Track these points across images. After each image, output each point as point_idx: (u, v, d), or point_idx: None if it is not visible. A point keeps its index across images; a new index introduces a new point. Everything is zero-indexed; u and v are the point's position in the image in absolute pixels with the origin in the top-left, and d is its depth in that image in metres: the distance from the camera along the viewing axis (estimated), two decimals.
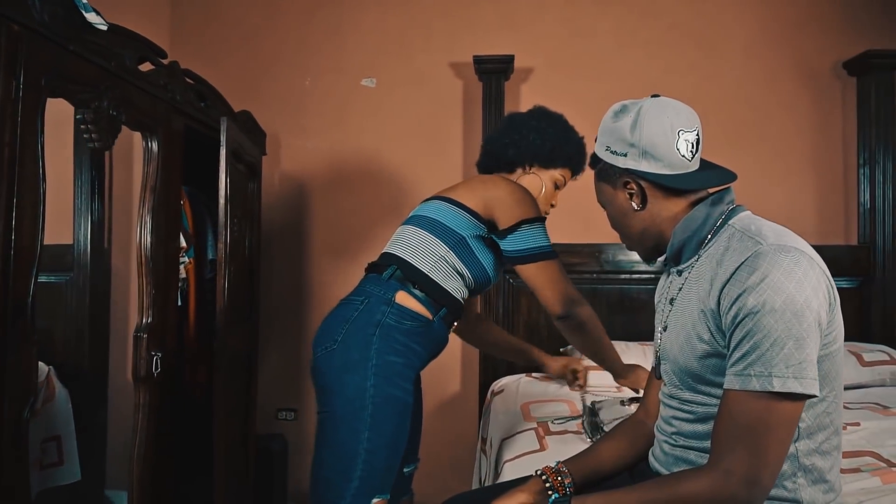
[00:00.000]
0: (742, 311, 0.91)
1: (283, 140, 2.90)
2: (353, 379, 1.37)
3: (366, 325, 1.41)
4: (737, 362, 0.92)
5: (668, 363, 1.10)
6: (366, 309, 1.43)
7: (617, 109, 1.11)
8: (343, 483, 1.35)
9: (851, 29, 2.71)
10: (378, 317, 1.42)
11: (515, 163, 1.64)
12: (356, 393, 1.36)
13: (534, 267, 1.49)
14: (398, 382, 1.40)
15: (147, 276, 1.83)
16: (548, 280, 1.49)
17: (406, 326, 1.44)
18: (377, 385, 1.37)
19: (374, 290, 1.46)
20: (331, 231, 2.88)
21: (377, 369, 1.38)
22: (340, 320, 1.44)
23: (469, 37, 2.83)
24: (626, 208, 1.12)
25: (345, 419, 1.37)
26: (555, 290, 1.49)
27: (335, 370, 1.40)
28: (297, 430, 2.86)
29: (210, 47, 2.90)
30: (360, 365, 1.38)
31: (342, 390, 1.38)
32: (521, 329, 2.66)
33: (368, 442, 1.35)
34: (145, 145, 1.86)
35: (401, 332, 1.43)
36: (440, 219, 1.52)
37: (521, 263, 1.49)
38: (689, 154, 1.07)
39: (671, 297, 1.13)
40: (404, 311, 1.44)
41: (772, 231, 0.98)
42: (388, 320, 1.42)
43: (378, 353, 1.39)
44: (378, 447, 1.36)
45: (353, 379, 1.37)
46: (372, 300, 1.44)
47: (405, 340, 1.43)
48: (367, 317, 1.42)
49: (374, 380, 1.37)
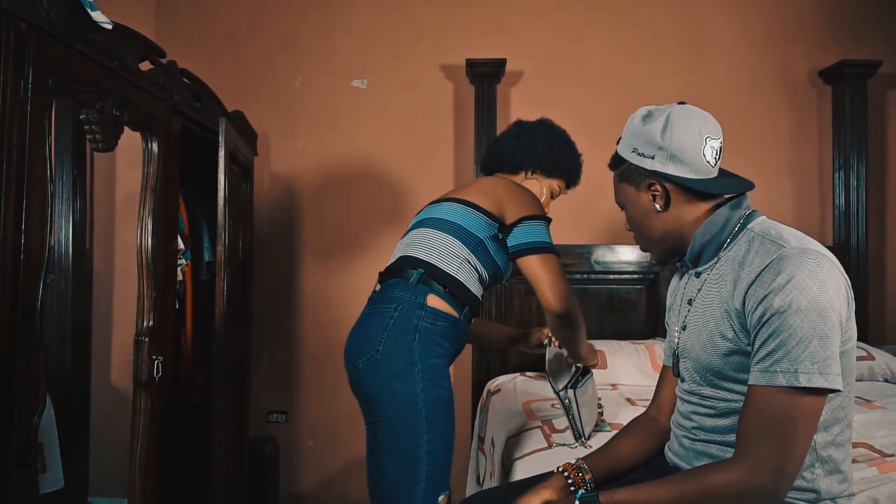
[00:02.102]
0: (769, 310, 0.96)
1: (273, 141, 2.88)
2: (403, 386, 1.39)
3: (405, 331, 1.42)
4: (763, 359, 0.96)
5: (688, 361, 1.15)
6: (401, 315, 1.44)
7: (644, 114, 1.15)
8: (411, 486, 1.37)
9: (827, 39, 2.83)
10: (415, 321, 1.43)
11: (521, 166, 1.69)
12: (409, 399, 1.38)
13: (536, 259, 1.51)
14: (441, 383, 1.43)
15: (148, 279, 1.80)
16: (548, 274, 1.51)
17: (440, 328, 1.46)
18: (427, 389, 1.40)
19: (405, 295, 1.47)
20: (321, 233, 2.87)
21: (424, 373, 1.40)
22: (378, 329, 1.44)
23: (460, 40, 2.85)
24: (649, 209, 1.16)
25: (402, 426, 1.38)
26: (555, 285, 1.50)
27: (382, 379, 1.41)
28: (288, 434, 2.84)
29: (197, 46, 2.86)
30: (406, 371, 1.39)
31: (394, 398, 1.39)
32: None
33: (428, 444, 1.38)
34: (145, 146, 1.83)
35: (436, 333, 1.46)
36: (459, 222, 1.55)
37: (523, 255, 1.52)
38: (713, 160, 1.11)
39: (689, 298, 1.17)
40: (437, 313, 1.46)
41: (792, 235, 1.03)
42: (424, 324, 1.44)
43: (421, 357, 1.41)
44: (436, 448, 1.39)
45: (403, 386, 1.39)
46: (405, 306, 1.45)
47: (440, 341, 1.46)
48: (405, 323, 1.43)
49: (423, 384, 1.40)
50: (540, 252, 1.51)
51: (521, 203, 1.55)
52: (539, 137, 1.66)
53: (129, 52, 1.70)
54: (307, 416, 2.85)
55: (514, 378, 2.36)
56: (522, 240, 1.52)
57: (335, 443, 2.82)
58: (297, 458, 2.85)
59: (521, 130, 1.69)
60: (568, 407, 1.61)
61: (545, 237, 1.53)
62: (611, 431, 1.69)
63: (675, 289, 1.30)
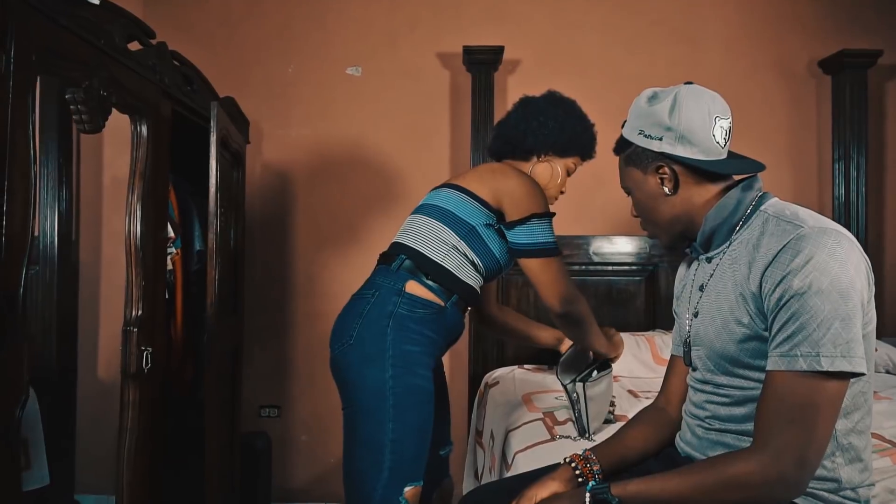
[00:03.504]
0: (787, 293, 0.92)
1: (266, 129, 2.82)
2: (372, 372, 1.38)
3: (379, 317, 1.41)
4: (782, 343, 0.93)
5: (701, 348, 1.11)
6: (377, 301, 1.43)
7: (650, 95, 1.12)
8: (375, 474, 1.35)
9: (827, 29, 2.81)
10: (390, 307, 1.42)
11: (532, 151, 1.62)
12: (376, 385, 1.37)
13: (537, 262, 1.49)
14: (417, 371, 1.41)
15: (137, 268, 1.74)
16: (550, 277, 1.49)
17: (418, 315, 1.44)
18: (396, 376, 1.38)
19: (384, 281, 1.47)
20: (314, 222, 2.82)
21: (394, 360, 1.38)
22: (354, 315, 1.44)
23: (457, 27, 2.80)
24: (657, 193, 1.13)
25: (369, 412, 1.37)
26: (555, 287, 1.49)
27: (354, 365, 1.40)
28: (280, 428, 2.79)
29: (188, 31, 2.79)
30: (377, 357, 1.38)
31: (363, 384, 1.39)
32: None
33: (393, 432, 1.36)
34: (134, 129, 1.77)
35: (414, 320, 1.43)
36: (450, 208, 1.51)
37: (526, 257, 1.50)
38: (722, 141, 1.08)
39: (700, 284, 1.14)
40: (415, 299, 1.44)
41: (808, 215, 0.99)
42: (400, 310, 1.42)
43: (394, 343, 1.39)
44: (403, 437, 1.37)
45: (372, 372, 1.38)
46: (382, 292, 1.45)
47: (419, 328, 1.44)
48: (380, 309, 1.42)
49: (393, 371, 1.38)
50: (541, 255, 1.49)
51: (524, 198, 1.50)
52: (549, 117, 1.59)
53: (116, 31, 1.64)
54: (300, 410, 2.79)
55: (513, 370, 2.32)
56: (524, 240, 1.49)
57: (328, 438, 2.77)
58: (290, 452, 2.79)
59: (528, 111, 1.61)
60: (575, 400, 1.58)
61: (547, 236, 1.50)
62: (616, 424, 1.65)
63: (683, 276, 1.27)
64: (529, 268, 1.50)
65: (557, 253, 1.51)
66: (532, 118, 1.59)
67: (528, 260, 1.50)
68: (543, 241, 1.49)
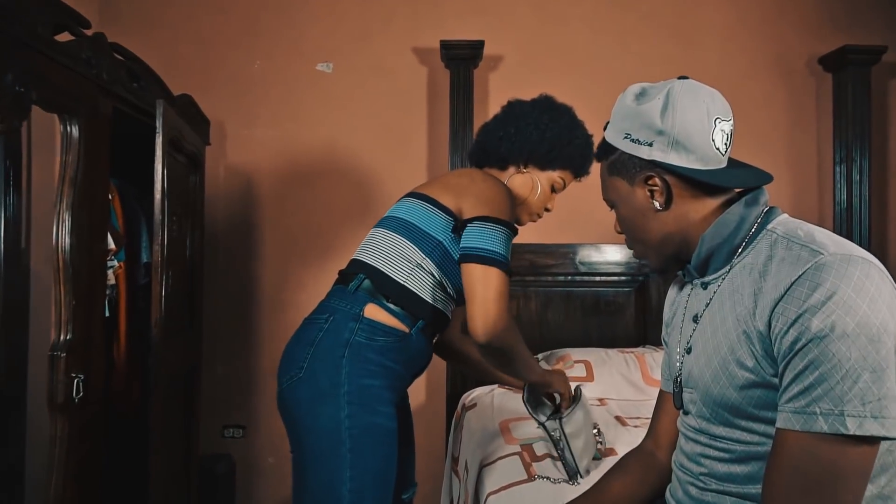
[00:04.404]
0: (804, 335, 0.75)
1: (229, 129, 2.63)
2: (326, 410, 1.20)
3: (333, 346, 1.23)
4: (797, 397, 0.76)
5: (695, 392, 0.94)
6: (331, 328, 1.25)
7: (637, 92, 0.94)
8: None
9: (828, 24, 2.65)
10: (346, 335, 1.24)
11: (508, 160, 1.42)
12: (331, 426, 1.19)
13: (479, 269, 1.23)
14: (377, 408, 1.23)
15: (65, 285, 1.56)
16: (486, 293, 1.22)
17: (379, 343, 1.26)
18: (353, 414, 1.20)
19: (340, 304, 1.28)
20: (282, 229, 2.64)
21: (351, 396, 1.21)
22: (305, 343, 1.26)
23: (434, 21, 2.63)
24: (645, 208, 0.95)
25: (322, 457, 1.20)
26: (488, 307, 1.21)
27: (304, 402, 1.22)
28: (245, 449, 2.60)
29: (147, 24, 2.60)
30: (331, 393, 1.21)
31: (314, 424, 1.21)
32: None
33: (352, 481, 1.18)
34: (63, 129, 1.58)
35: (373, 350, 1.25)
36: (414, 220, 1.33)
37: (468, 262, 1.24)
38: (723, 147, 0.91)
39: (695, 314, 0.97)
40: (375, 325, 1.26)
41: (827, 237, 0.82)
42: (357, 338, 1.24)
43: (350, 377, 1.22)
44: (364, 486, 1.19)
45: (326, 410, 1.20)
46: (337, 316, 1.26)
47: (379, 359, 1.26)
48: (334, 336, 1.24)
49: (350, 409, 1.20)
50: (486, 262, 1.23)
51: (484, 202, 1.29)
52: (530, 123, 1.39)
53: (39, 19, 1.45)
54: (267, 430, 2.60)
55: (492, 391, 2.14)
56: (469, 243, 1.25)
57: None
58: (256, 476, 2.61)
59: (510, 116, 1.42)
60: (557, 440, 1.40)
61: (497, 246, 1.24)
62: (601, 461, 1.48)
63: (674, 300, 1.09)
64: (467, 276, 1.24)
65: (506, 270, 1.25)
66: (511, 123, 1.40)
67: (469, 265, 1.23)
68: (493, 249, 1.24)
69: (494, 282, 1.22)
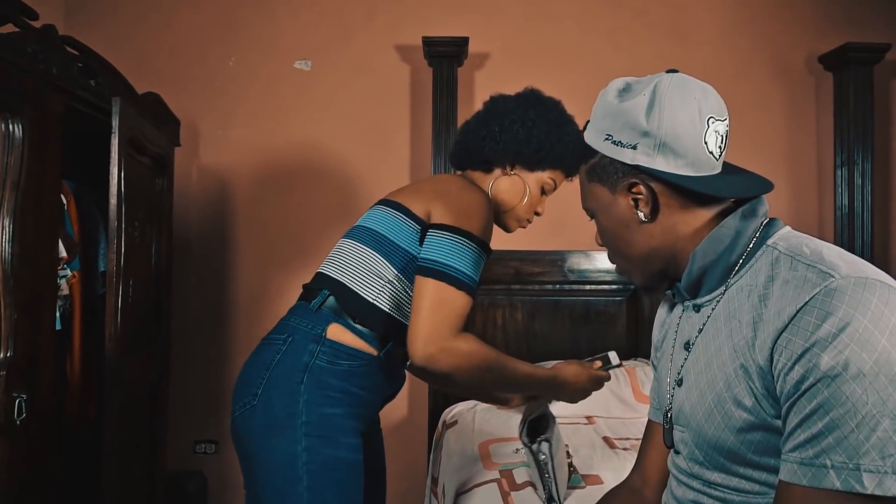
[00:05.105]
0: (812, 373, 0.63)
1: (203, 129, 2.51)
2: (281, 443, 1.08)
3: (290, 370, 1.10)
4: (804, 445, 0.64)
5: (686, 431, 0.82)
6: (289, 350, 1.12)
7: (620, 87, 0.83)
8: None
9: (828, 20, 2.55)
10: (305, 359, 1.11)
11: (492, 161, 1.29)
12: (286, 460, 1.07)
13: (432, 284, 1.08)
14: (339, 440, 1.11)
15: (6, 297, 1.43)
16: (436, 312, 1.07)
17: (342, 368, 1.13)
18: (311, 448, 1.08)
19: (300, 324, 1.15)
20: (259, 235, 2.52)
21: (309, 427, 1.08)
22: (260, 367, 1.13)
23: (418, 17, 2.52)
24: (629, 219, 0.84)
25: (277, 496, 1.07)
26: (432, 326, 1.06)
27: (258, 433, 1.10)
28: (218, 465, 2.48)
29: (112, 17, 2.48)
30: (287, 424, 1.08)
31: (269, 459, 1.08)
32: None
33: None
34: (4, 129, 1.46)
35: (336, 374, 1.12)
36: (384, 231, 1.20)
37: (422, 274, 1.10)
38: (717, 150, 0.79)
39: (686, 341, 0.85)
40: (340, 348, 1.13)
41: (838, 256, 0.70)
42: (319, 362, 1.11)
43: (309, 405, 1.09)
44: None
45: (281, 443, 1.08)
46: (297, 337, 1.14)
47: (343, 385, 1.13)
48: (292, 359, 1.11)
49: (307, 441, 1.08)
50: (440, 279, 1.08)
51: (453, 207, 1.16)
52: (516, 121, 1.25)
53: None
54: None
55: (475, 407, 2.02)
56: (429, 254, 1.12)
57: None
58: (229, 494, 2.48)
59: (493, 113, 1.28)
60: (544, 463, 1.28)
61: (460, 262, 1.10)
62: (585, 489, 1.36)
63: (664, 322, 0.98)
64: (417, 289, 1.10)
65: (467, 291, 1.10)
66: (494, 121, 1.27)
67: (423, 279, 1.09)
68: (453, 265, 1.10)
69: (448, 302, 1.08)
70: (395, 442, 2.49)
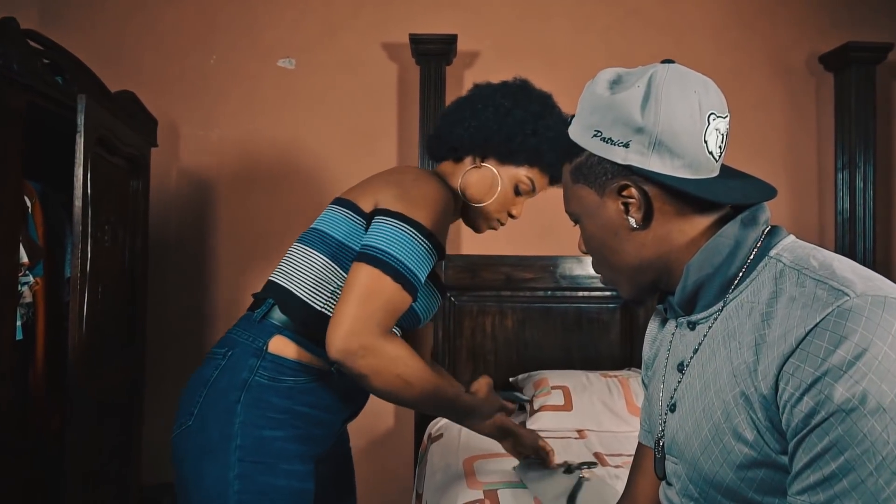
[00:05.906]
0: (824, 406, 0.55)
1: (182, 129, 2.42)
2: (212, 469, 0.97)
3: (227, 388, 0.99)
4: (814, 489, 0.56)
5: (680, 463, 0.74)
6: (228, 365, 1.01)
7: (611, 78, 0.74)
8: None
9: (829, 19, 2.48)
10: (244, 375, 1.00)
11: (460, 149, 1.17)
12: (217, 489, 0.96)
13: (365, 270, 0.96)
14: (279, 466, 0.99)
15: None
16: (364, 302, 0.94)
17: (285, 385, 1.01)
18: (245, 475, 0.96)
19: (241, 336, 1.04)
20: (241, 237, 2.43)
21: (244, 452, 0.97)
22: (199, 384, 1.02)
23: (405, 14, 2.43)
24: (618, 225, 0.75)
25: None
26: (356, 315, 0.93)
27: (190, 457, 0.99)
28: None
29: (89, 14, 2.39)
30: (219, 447, 0.97)
31: (199, 486, 0.97)
32: (463, 356, 2.28)
33: None
34: None
35: (278, 393, 1.01)
36: (333, 232, 1.08)
37: (357, 260, 0.99)
38: (716, 151, 0.71)
39: (680, 362, 0.77)
40: (282, 362, 1.01)
41: (850, 269, 0.62)
42: (258, 378, 1.00)
43: (245, 427, 0.98)
44: None
45: (212, 469, 0.97)
46: (237, 351, 1.02)
47: (286, 404, 1.01)
48: (230, 376, 1.00)
49: (241, 468, 0.96)
50: (373, 264, 0.97)
51: (401, 195, 1.04)
52: (489, 107, 1.14)
53: None
54: None
55: None
56: (367, 240, 1.01)
57: None
58: None
59: (470, 100, 1.18)
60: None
61: (399, 251, 0.98)
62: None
63: (655, 338, 0.89)
64: (350, 276, 0.98)
65: (404, 285, 0.98)
66: (467, 107, 1.16)
67: (356, 265, 0.98)
68: (393, 253, 0.98)
69: (381, 294, 0.96)
70: (381, 454, 2.40)
